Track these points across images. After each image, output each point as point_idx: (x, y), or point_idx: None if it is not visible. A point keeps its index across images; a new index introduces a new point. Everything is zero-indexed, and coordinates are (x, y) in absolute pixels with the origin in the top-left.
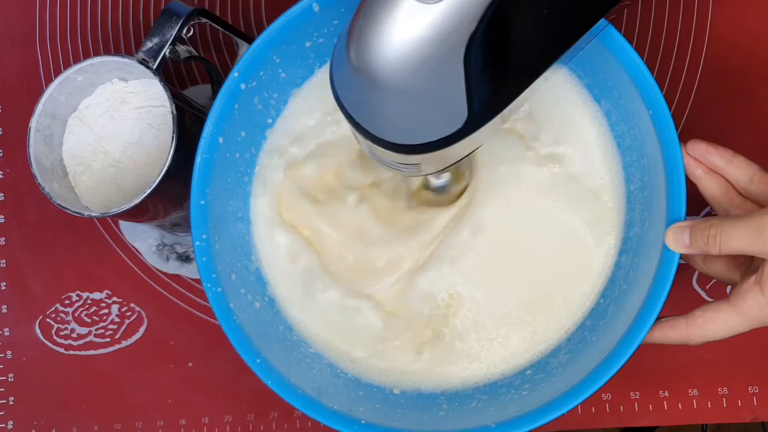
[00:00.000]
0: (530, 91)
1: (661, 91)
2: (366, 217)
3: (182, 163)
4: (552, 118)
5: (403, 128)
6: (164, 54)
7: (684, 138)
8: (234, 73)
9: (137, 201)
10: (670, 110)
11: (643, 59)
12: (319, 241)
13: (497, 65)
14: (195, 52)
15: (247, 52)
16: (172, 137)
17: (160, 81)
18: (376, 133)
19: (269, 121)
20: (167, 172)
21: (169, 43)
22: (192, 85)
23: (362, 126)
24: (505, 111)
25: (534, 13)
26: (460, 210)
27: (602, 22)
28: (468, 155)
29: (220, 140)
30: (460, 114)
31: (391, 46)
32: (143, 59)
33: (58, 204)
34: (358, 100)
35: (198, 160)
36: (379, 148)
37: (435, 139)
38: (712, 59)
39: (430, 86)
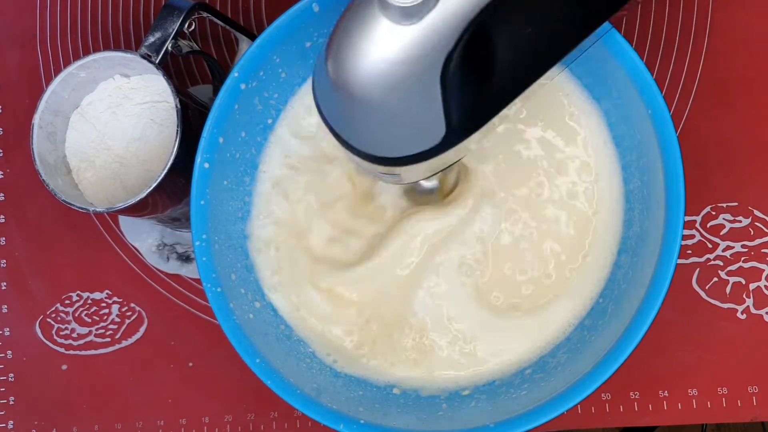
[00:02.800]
0: (514, 102)
1: (661, 91)
2: (372, 218)
3: (186, 158)
4: (551, 119)
5: (381, 142)
6: (167, 48)
7: (684, 138)
8: (234, 73)
9: (142, 195)
10: (669, 111)
11: (642, 59)
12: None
13: (476, 83)
14: (197, 47)
15: (247, 52)
16: (177, 131)
17: (163, 75)
18: (355, 144)
19: (269, 121)
20: (172, 166)
21: (171, 37)
22: (192, 85)
23: (342, 137)
24: (487, 125)
25: (516, 31)
26: (461, 216)
27: (605, 25)
28: (452, 164)
29: (221, 140)
30: (438, 130)
31: (366, 66)
32: (146, 54)
33: (62, 200)
34: (337, 112)
35: (198, 160)
36: (358, 158)
37: (414, 153)
38: (712, 59)
39: (406, 104)
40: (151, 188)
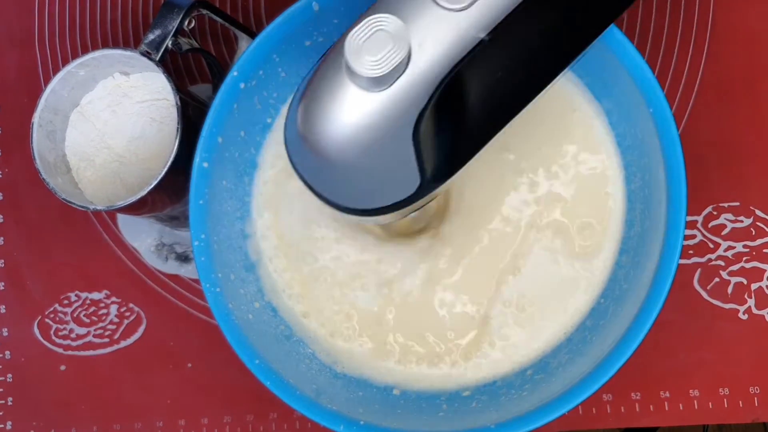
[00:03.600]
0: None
1: (663, 90)
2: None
3: (186, 156)
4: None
5: (355, 196)
6: (166, 46)
7: (686, 137)
8: (233, 72)
9: (143, 193)
10: (671, 109)
11: (644, 58)
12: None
13: (449, 133)
14: (196, 45)
15: (246, 51)
16: (177, 128)
17: (163, 73)
18: (329, 197)
19: (269, 120)
20: (173, 163)
21: (171, 34)
22: (192, 84)
23: (316, 191)
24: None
25: (486, 78)
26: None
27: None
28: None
29: (219, 140)
30: (412, 181)
31: (336, 131)
32: (146, 51)
33: (63, 199)
34: (310, 169)
35: (197, 159)
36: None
37: (388, 204)
38: (714, 59)
39: (378, 164)
40: (151, 187)
